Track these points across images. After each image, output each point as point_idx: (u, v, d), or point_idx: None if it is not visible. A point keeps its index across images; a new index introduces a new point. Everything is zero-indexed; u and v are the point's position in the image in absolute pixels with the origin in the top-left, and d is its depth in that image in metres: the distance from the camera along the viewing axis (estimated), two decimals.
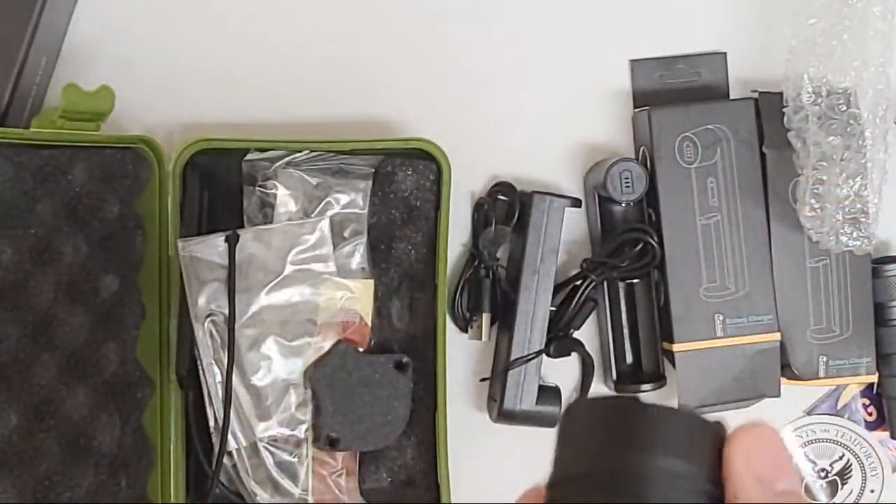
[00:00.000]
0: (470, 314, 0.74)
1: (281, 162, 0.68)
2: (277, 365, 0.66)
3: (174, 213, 0.67)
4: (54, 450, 0.61)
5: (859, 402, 0.77)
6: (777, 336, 0.71)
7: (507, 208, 0.73)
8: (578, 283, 0.72)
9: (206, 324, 0.65)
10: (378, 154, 0.70)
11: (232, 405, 0.65)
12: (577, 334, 0.74)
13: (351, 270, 0.68)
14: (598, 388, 0.74)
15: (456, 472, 0.70)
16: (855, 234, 0.68)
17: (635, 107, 0.75)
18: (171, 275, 0.67)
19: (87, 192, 0.64)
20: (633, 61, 0.75)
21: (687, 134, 0.71)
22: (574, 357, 0.74)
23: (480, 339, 0.73)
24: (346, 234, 0.69)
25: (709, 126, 0.71)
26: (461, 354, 0.75)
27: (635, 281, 0.73)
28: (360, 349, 0.68)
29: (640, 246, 0.71)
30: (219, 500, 0.66)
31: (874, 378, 0.73)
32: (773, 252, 0.71)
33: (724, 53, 0.75)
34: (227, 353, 0.65)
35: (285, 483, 0.66)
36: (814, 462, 0.77)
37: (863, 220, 0.68)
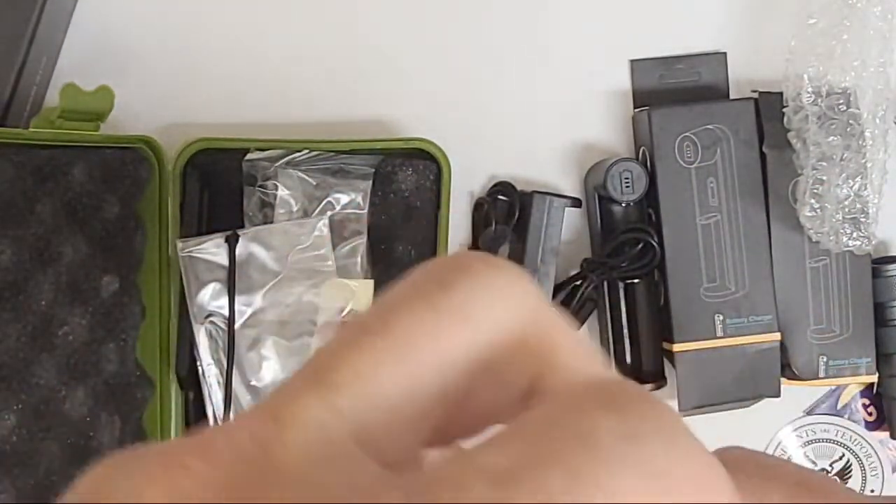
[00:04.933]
0: None
1: (281, 162, 0.68)
2: (277, 365, 0.66)
3: (174, 213, 0.67)
4: (54, 450, 0.61)
5: (859, 402, 0.77)
6: (777, 336, 0.71)
7: (507, 208, 0.73)
8: (578, 283, 0.72)
9: (205, 324, 0.65)
10: (378, 154, 0.70)
11: (232, 405, 0.65)
12: None
13: (351, 270, 0.68)
14: None
15: None
16: (855, 234, 0.68)
17: (635, 107, 0.75)
18: (171, 275, 0.67)
19: (87, 192, 0.64)
20: (633, 61, 0.75)
21: (687, 134, 0.71)
22: None
23: None
24: (346, 234, 0.69)
25: (709, 126, 0.71)
26: None
27: (635, 281, 0.73)
28: None
29: (640, 246, 0.71)
30: None
31: (874, 378, 0.73)
32: (773, 252, 0.71)
33: (724, 53, 0.75)
34: (227, 354, 0.65)
35: None
36: (814, 462, 0.77)
37: (863, 220, 0.68)
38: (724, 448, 0.23)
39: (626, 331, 0.74)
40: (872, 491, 0.78)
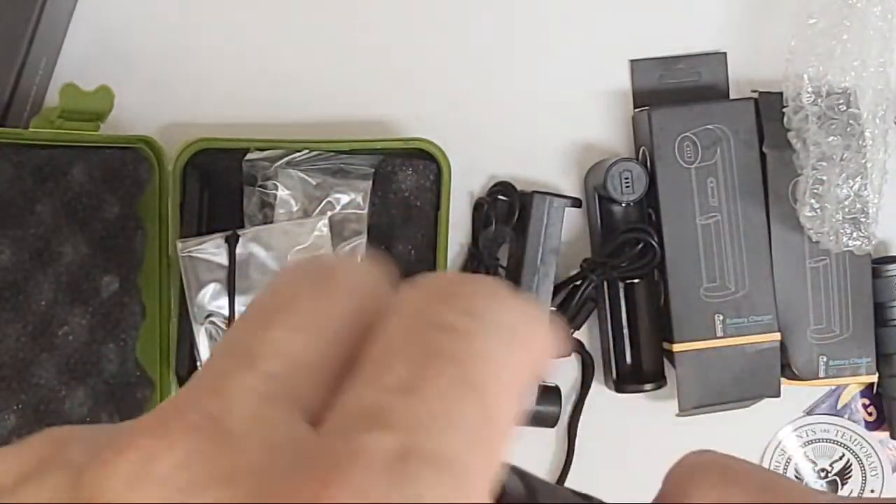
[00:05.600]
0: None
1: (281, 162, 0.68)
2: None
3: (174, 213, 0.67)
4: None
5: (859, 402, 0.77)
6: (777, 336, 0.71)
7: (507, 208, 0.73)
8: (578, 283, 0.72)
9: (205, 324, 0.65)
10: (378, 154, 0.70)
11: None
12: (577, 334, 0.74)
13: None
14: (599, 389, 0.74)
15: None
16: (855, 234, 0.68)
17: (635, 107, 0.75)
18: (171, 275, 0.68)
19: (86, 192, 0.64)
20: (633, 61, 0.75)
21: (687, 134, 0.71)
22: (574, 357, 0.75)
23: None
24: (346, 234, 0.69)
25: (709, 126, 0.71)
26: None
27: (635, 281, 0.73)
28: None
29: (640, 246, 0.71)
30: None
31: (874, 378, 0.73)
32: (773, 252, 0.71)
33: (724, 53, 0.75)
34: None
35: None
36: (814, 462, 0.77)
37: (863, 220, 0.68)
38: (694, 452, 0.23)
39: (626, 331, 0.74)
40: (872, 491, 0.78)
